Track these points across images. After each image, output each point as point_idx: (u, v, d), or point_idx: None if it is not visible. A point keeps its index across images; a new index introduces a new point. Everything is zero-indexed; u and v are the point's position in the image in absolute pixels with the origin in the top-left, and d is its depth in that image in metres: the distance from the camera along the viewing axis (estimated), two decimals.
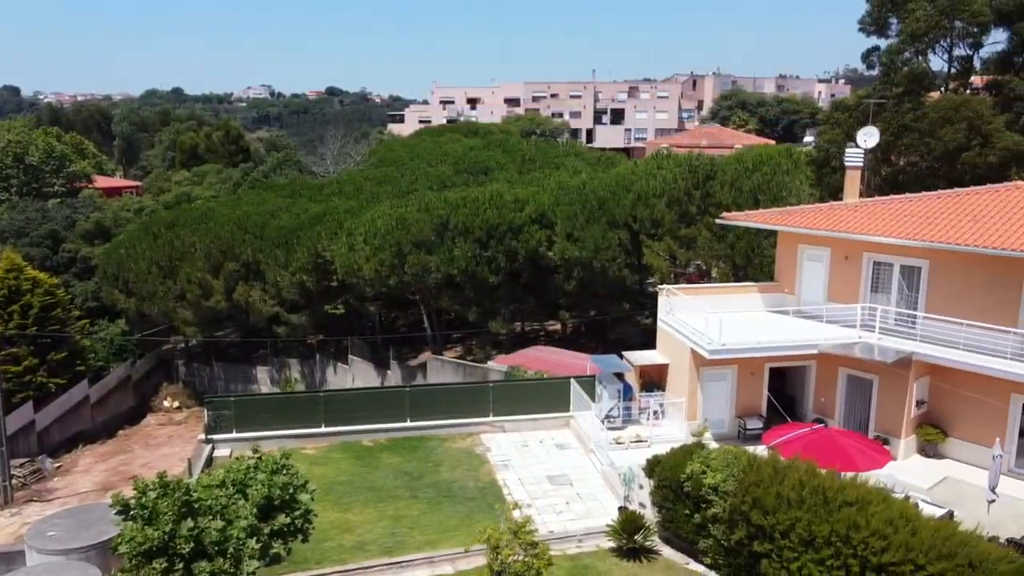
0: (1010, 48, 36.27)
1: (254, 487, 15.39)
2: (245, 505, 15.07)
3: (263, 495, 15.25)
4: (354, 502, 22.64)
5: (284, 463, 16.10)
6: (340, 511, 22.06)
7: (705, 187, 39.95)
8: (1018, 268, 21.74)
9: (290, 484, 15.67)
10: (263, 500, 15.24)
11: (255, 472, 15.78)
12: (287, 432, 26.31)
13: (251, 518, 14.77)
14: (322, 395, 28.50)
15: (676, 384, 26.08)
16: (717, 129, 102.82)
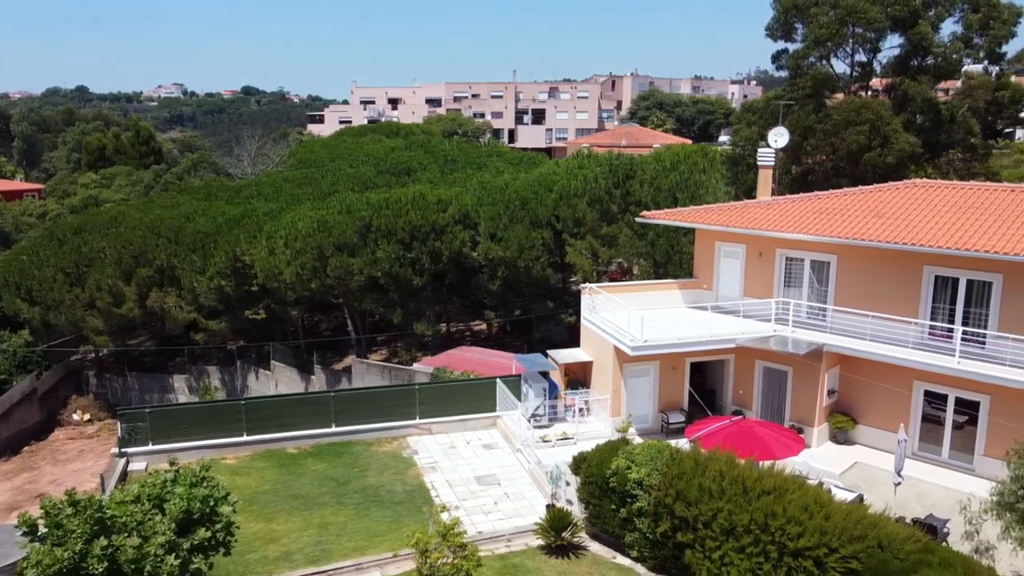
0: (905, 52, 38.16)
1: (172, 501, 14.86)
2: (163, 520, 14.55)
3: (181, 509, 14.74)
4: (279, 511, 22.16)
5: (204, 475, 15.61)
6: (264, 521, 21.55)
7: (625, 186, 40.67)
8: (918, 261, 22.91)
9: (210, 496, 15.20)
10: (182, 514, 14.74)
11: (172, 485, 15.24)
12: (207, 442, 25.55)
13: (169, 534, 14.26)
14: (243, 403, 27.74)
15: (600, 381, 26.47)
16: (636, 129, 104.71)
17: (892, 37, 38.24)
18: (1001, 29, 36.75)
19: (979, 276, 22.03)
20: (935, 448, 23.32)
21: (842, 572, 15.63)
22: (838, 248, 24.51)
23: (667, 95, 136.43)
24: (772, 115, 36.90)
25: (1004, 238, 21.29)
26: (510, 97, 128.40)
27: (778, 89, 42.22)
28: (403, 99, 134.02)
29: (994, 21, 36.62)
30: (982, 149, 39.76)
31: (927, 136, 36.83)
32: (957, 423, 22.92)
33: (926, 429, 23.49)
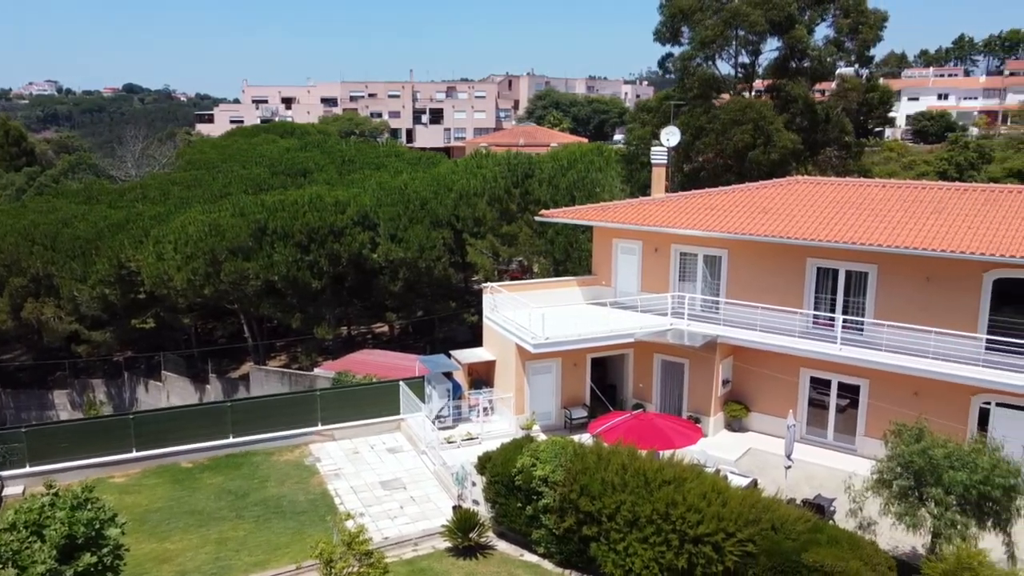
0: (783, 55, 40.08)
1: (52, 527, 13.94)
2: (42, 548, 13.62)
3: (63, 535, 13.85)
4: (173, 529, 21.18)
5: (87, 496, 14.73)
6: (157, 541, 20.54)
7: (524, 185, 41.03)
8: (801, 254, 24.07)
9: (95, 519, 14.34)
10: (63, 540, 13.85)
11: (52, 509, 14.30)
12: (92, 461, 24.15)
13: (50, 562, 13.38)
14: (132, 417, 26.34)
15: (504, 379, 26.58)
16: (533, 128, 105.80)
17: (772, 40, 40.12)
18: (869, 33, 39.08)
19: (856, 267, 23.34)
20: (821, 431, 24.56)
21: (739, 555, 16.24)
22: (729, 243, 25.46)
23: (563, 95, 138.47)
24: (664, 115, 38.04)
25: (878, 231, 22.62)
26: (407, 97, 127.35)
27: (669, 90, 43.54)
28: (297, 98, 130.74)
29: (862, 26, 38.91)
30: (856, 147, 42.22)
31: (806, 135, 38.81)
32: (840, 407, 24.22)
33: (813, 413, 24.71)
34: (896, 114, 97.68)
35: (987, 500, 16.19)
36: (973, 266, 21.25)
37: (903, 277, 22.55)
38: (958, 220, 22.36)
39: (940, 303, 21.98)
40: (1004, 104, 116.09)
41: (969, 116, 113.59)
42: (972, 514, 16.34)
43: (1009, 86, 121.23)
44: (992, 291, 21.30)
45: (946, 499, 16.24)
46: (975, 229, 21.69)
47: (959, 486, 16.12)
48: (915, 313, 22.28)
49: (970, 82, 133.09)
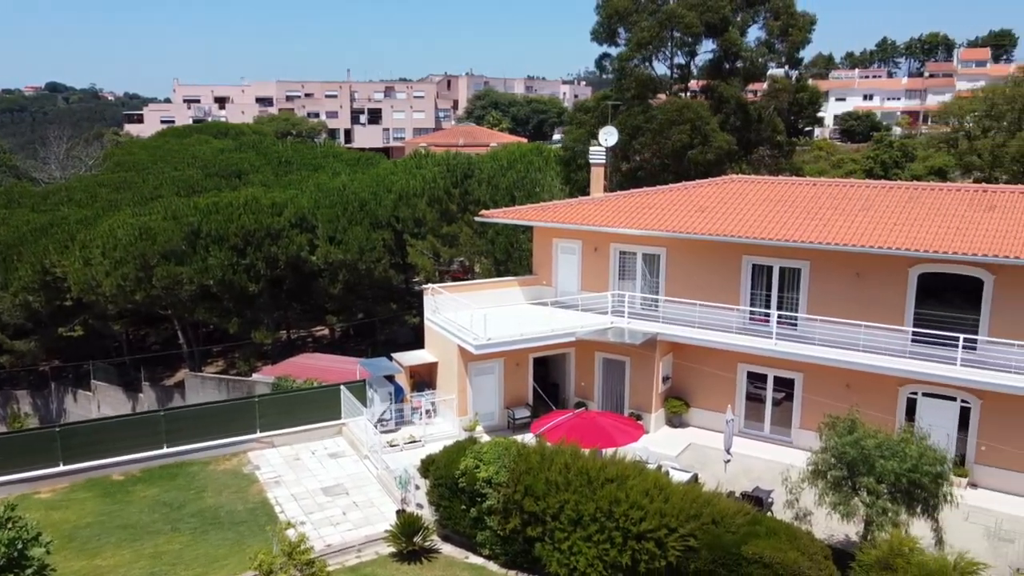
0: (717, 56, 40.88)
1: None
2: None
3: None
4: (104, 545, 20.41)
5: (9, 515, 14.08)
6: (87, 558, 19.77)
7: (464, 185, 40.89)
8: (737, 252, 24.56)
9: (17, 538, 13.72)
10: None
11: None
12: (15, 477, 23.14)
13: None
14: (59, 429, 25.30)
15: (446, 381, 26.42)
16: (473, 128, 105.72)
17: (706, 42, 40.84)
18: (798, 35, 40.14)
19: (790, 264, 23.93)
20: (758, 425, 25.11)
21: (681, 550, 16.47)
22: (667, 241, 25.81)
23: (502, 95, 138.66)
24: (602, 115, 38.35)
25: (810, 228, 23.23)
26: (345, 97, 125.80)
27: (606, 90, 43.98)
28: (231, 98, 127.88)
29: (792, 28, 39.94)
30: (787, 146, 43.31)
31: (740, 134, 39.64)
32: (776, 400, 24.80)
33: (750, 407, 25.24)
34: (825, 114, 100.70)
35: (916, 487, 16.75)
36: (899, 261, 21.99)
37: (834, 273, 23.20)
38: (885, 217, 23.11)
39: (869, 298, 22.69)
40: (925, 104, 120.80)
41: (893, 116, 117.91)
42: (902, 501, 16.89)
43: (929, 87, 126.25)
44: (917, 285, 22.08)
45: (878, 488, 16.75)
46: (901, 225, 22.45)
47: (890, 475, 16.65)
48: (846, 307, 22.95)
49: (893, 83, 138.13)
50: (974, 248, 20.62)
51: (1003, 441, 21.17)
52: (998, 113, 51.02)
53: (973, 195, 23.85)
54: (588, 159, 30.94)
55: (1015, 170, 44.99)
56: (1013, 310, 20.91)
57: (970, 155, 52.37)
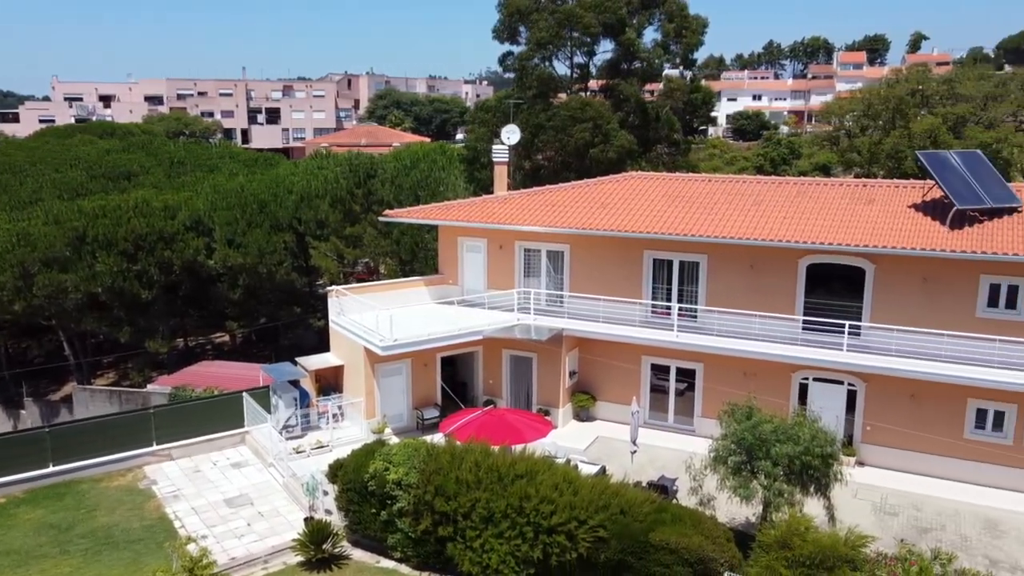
0: (616, 56, 41.80)
1: None
2: None
3: None
4: None
5: None
6: None
7: (367, 185, 40.36)
8: (639, 247, 25.17)
9: None
10: None
11: None
12: None
13: None
14: None
15: (353, 384, 26.00)
16: (375, 128, 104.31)
17: (605, 42, 41.69)
18: (692, 38, 41.50)
19: (689, 258, 24.70)
20: (662, 415, 25.81)
21: (591, 541, 16.73)
22: (570, 238, 26.17)
23: (404, 94, 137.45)
24: (504, 114, 38.57)
25: (707, 223, 24.05)
26: (241, 95, 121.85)
27: (508, 89, 44.29)
28: (118, 96, 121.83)
29: (686, 31, 41.26)
30: (683, 144, 44.70)
31: (639, 133, 40.67)
32: (679, 391, 25.57)
33: (654, 399, 25.92)
34: (717, 113, 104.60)
35: (809, 469, 17.56)
36: (790, 253, 23.04)
37: (730, 265, 24.09)
38: (775, 211, 24.16)
39: (763, 288, 23.68)
40: (809, 105, 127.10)
41: (780, 116, 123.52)
42: (797, 483, 17.67)
43: (812, 88, 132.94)
44: (806, 276, 23.20)
45: (774, 471, 17.46)
46: (790, 219, 23.52)
47: (785, 458, 17.38)
48: (742, 299, 23.87)
49: (779, 84, 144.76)
50: (856, 239, 21.82)
51: (886, 421, 22.51)
52: (874, 113, 54.19)
53: (854, 190, 25.23)
54: (491, 157, 31.07)
55: (890, 166, 47.91)
56: (892, 297, 22.26)
57: (850, 152, 55.40)
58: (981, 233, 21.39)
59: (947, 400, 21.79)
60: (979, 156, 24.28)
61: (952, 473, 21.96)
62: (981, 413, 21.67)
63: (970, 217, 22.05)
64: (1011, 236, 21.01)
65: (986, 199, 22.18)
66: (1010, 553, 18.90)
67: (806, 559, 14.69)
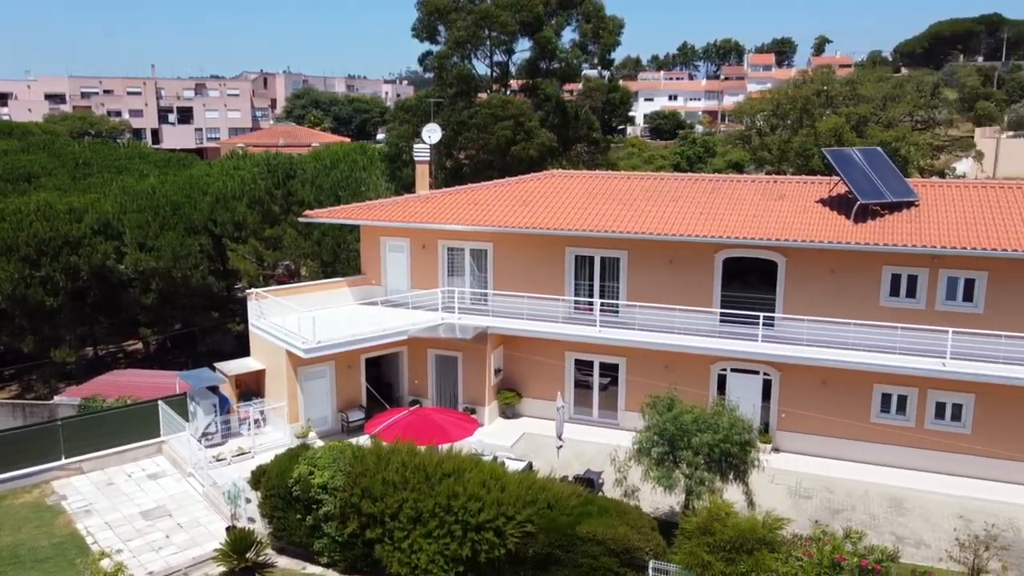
0: (535, 56, 42.16)
1: None
2: None
3: None
4: None
5: None
6: None
7: (286, 186, 39.54)
8: (560, 244, 25.47)
9: None
10: None
11: None
12: None
13: None
14: None
15: (275, 388, 25.45)
16: (293, 128, 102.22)
17: (523, 41, 41.99)
18: (609, 38, 42.21)
19: (610, 254, 25.14)
20: (587, 410, 26.19)
21: (519, 537, 16.86)
22: (493, 236, 26.27)
23: (322, 93, 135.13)
24: (425, 113, 38.41)
25: (627, 219, 24.52)
26: (151, 94, 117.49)
27: (429, 89, 44.11)
28: (15, 94, 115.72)
29: (603, 31, 41.94)
30: (603, 143, 45.41)
31: (559, 131, 41.12)
32: (603, 385, 25.99)
33: (579, 394, 26.27)
34: (635, 113, 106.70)
35: (728, 456, 18.15)
36: (706, 248, 23.72)
37: (650, 261, 24.63)
38: (692, 207, 24.83)
39: (682, 282, 24.31)
40: (722, 104, 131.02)
41: (695, 115, 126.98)
42: (717, 470, 18.24)
43: (725, 89, 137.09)
44: (723, 269, 23.93)
45: (695, 460, 17.98)
46: (706, 214, 24.22)
47: (705, 447, 17.92)
48: (662, 293, 24.44)
49: (694, 85, 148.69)
50: (768, 233, 22.65)
51: (799, 408, 23.44)
52: (783, 112, 56.27)
53: (765, 186, 26.16)
54: (413, 156, 30.91)
55: (799, 163, 49.83)
56: (803, 289, 23.19)
57: (761, 150, 57.36)
58: (882, 226, 22.50)
59: (855, 386, 22.84)
60: (880, 153, 25.52)
61: (861, 456, 23.03)
62: (886, 398, 22.79)
63: (872, 211, 23.16)
64: (910, 228, 22.16)
65: (887, 194, 23.34)
66: (914, 529, 19.96)
67: (726, 543, 15.17)
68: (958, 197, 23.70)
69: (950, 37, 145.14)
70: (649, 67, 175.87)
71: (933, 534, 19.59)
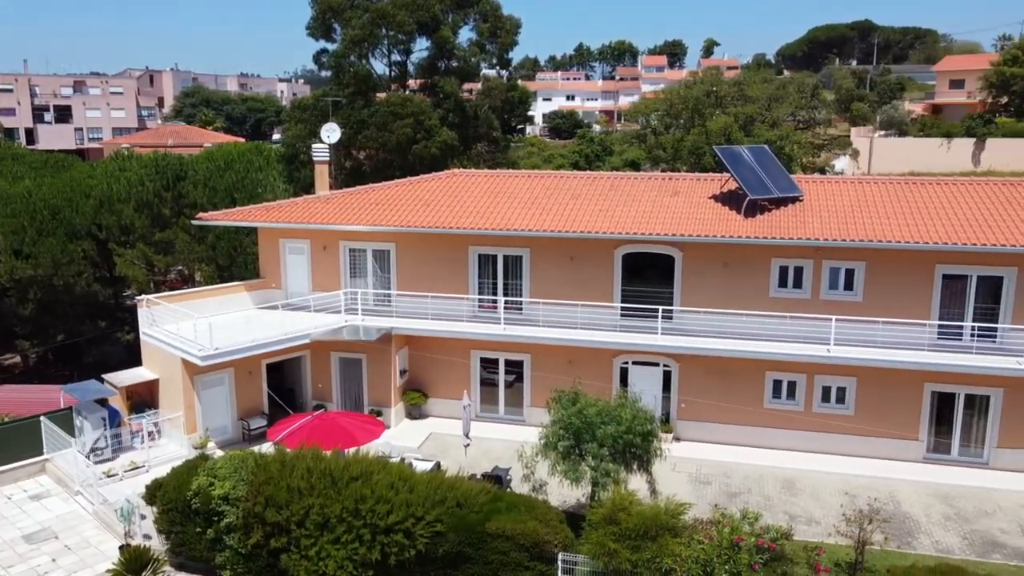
0: (433, 55, 42.08)
1: None
2: None
3: None
4: None
5: None
6: None
7: (177, 188, 38.05)
8: (464, 243, 25.52)
9: None
10: None
11: None
12: None
13: None
14: None
15: (171, 398, 24.43)
16: (183, 127, 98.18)
17: (421, 40, 41.81)
18: (507, 38, 42.56)
19: (512, 252, 25.36)
20: (493, 407, 26.35)
21: (429, 537, 16.79)
22: (396, 236, 26.06)
23: (214, 92, 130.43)
24: (322, 112, 37.72)
25: (528, 217, 24.80)
26: (23, 91, 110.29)
27: (326, 88, 43.30)
28: None
29: (500, 30, 42.26)
30: (503, 142, 45.76)
31: (459, 131, 41.17)
32: (508, 382, 26.21)
33: (485, 392, 26.40)
34: (534, 112, 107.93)
35: (631, 447, 18.61)
36: (606, 244, 24.28)
37: (552, 258, 25.00)
38: (591, 204, 25.36)
39: (583, 279, 24.78)
40: (618, 104, 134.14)
41: (592, 115, 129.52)
42: (621, 461, 18.67)
43: (620, 89, 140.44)
44: (622, 265, 24.54)
45: (600, 452, 18.35)
46: (605, 211, 24.78)
47: (609, 439, 18.32)
48: (564, 289, 24.85)
49: (591, 85, 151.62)
50: (665, 229, 23.38)
51: (697, 397, 24.31)
52: (675, 112, 58.19)
53: (661, 183, 26.99)
54: (311, 156, 30.28)
55: (692, 161, 51.64)
56: (698, 282, 24.06)
57: (657, 149, 59.11)
58: (770, 220, 23.61)
59: (748, 374, 23.88)
60: (766, 151, 26.75)
61: (755, 440, 24.11)
62: (777, 384, 23.94)
63: (761, 206, 24.26)
64: (795, 222, 23.35)
65: (774, 190, 24.49)
66: (805, 508, 21.04)
67: (631, 532, 15.59)
68: (838, 192, 25.11)
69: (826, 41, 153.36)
70: (547, 67, 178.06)
71: (822, 511, 20.70)
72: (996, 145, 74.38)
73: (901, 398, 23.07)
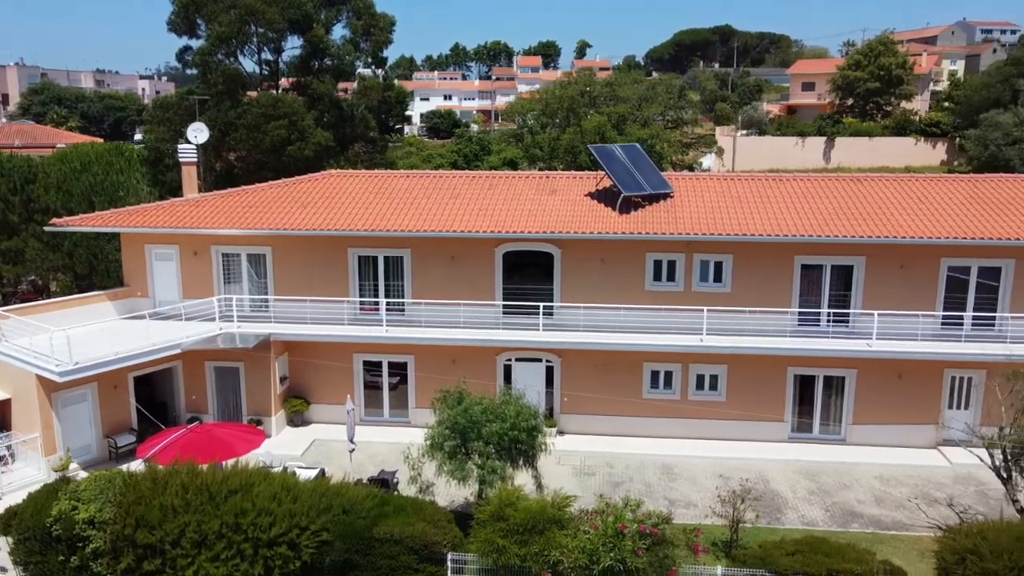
0: (306, 53, 41.05)
1: None
2: None
3: None
4: None
5: None
6: None
7: (26, 192, 35.33)
8: (343, 244, 25.05)
9: None
10: None
11: None
12: None
13: None
14: None
15: (25, 419, 22.68)
16: (31, 127, 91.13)
17: (293, 39, 40.70)
18: (381, 35, 42.09)
19: (393, 253, 25.12)
20: (378, 411, 26.02)
21: (315, 547, 16.37)
22: (272, 239, 25.25)
23: (66, 89, 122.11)
24: (188, 111, 36.04)
25: (408, 218, 24.63)
26: None
27: (192, 86, 41.42)
28: None
29: (374, 28, 41.75)
30: (381, 142, 45.24)
31: (335, 131, 40.37)
32: (392, 384, 25.94)
33: (369, 395, 26.02)
34: (412, 112, 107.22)
35: (517, 443, 18.83)
36: (486, 243, 24.44)
37: (433, 258, 24.93)
38: (471, 204, 25.45)
39: (465, 277, 24.85)
40: (495, 104, 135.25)
41: (470, 115, 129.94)
42: (507, 458, 18.86)
43: (497, 89, 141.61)
44: (503, 263, 24.78)
45: (486, 450, 18.47)
46: (485, 210, 24.94)
47: (495, 436, 18.46)
48: (446, 289, 24.84)
49: (468, 85, 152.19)
50: (543, 227, 23.79)
51: (580, 390, 24.89)
52: (551, 112, 59.27)
53: (539, 181, 27.42)
54: (177, 158, 28.88)
55: (568, 159, 52.78)
56: (577, 278, 24.63)
57: (534, 148, 60.04)
58: (644, 216, 24.46)
59: (628, 366, 24.66)
60: (638, 149, 27.68)
61: (636, 430, 24.94)
62: (655, 374, 24.85)
63: (634, 203, 25.09)
64: (667, 218, 24.30)
65: (646, 186, 25.39)
66: (684, 493, 21.96)
67: (519, 527, 15.77)
68: (706, 189, 26.32)
69: (691, 45, 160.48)
70: (423, 67, 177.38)
71: (699, 494, 21.67)
72: (844, 143, 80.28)
73: (768, 382, 24.46)
